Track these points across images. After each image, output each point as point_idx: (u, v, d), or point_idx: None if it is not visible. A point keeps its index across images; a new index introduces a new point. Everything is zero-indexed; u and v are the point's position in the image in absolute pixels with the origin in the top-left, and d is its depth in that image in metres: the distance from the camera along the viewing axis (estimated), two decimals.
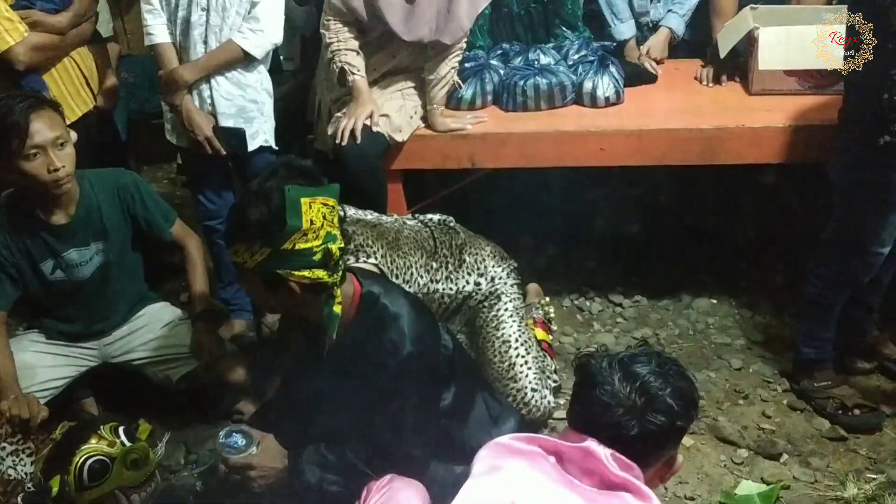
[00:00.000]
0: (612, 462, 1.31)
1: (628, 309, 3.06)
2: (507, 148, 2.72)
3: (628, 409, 1.31)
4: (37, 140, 2.11)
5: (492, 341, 2.41)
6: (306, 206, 1.67)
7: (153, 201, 2.45)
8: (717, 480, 2.31)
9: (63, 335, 2.45)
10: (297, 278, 1.70)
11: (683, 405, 1.34)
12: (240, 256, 1.71)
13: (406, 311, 1.83)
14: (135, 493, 2.05)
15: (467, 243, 2.46)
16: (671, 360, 1.40)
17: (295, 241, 1.66)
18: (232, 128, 2.63)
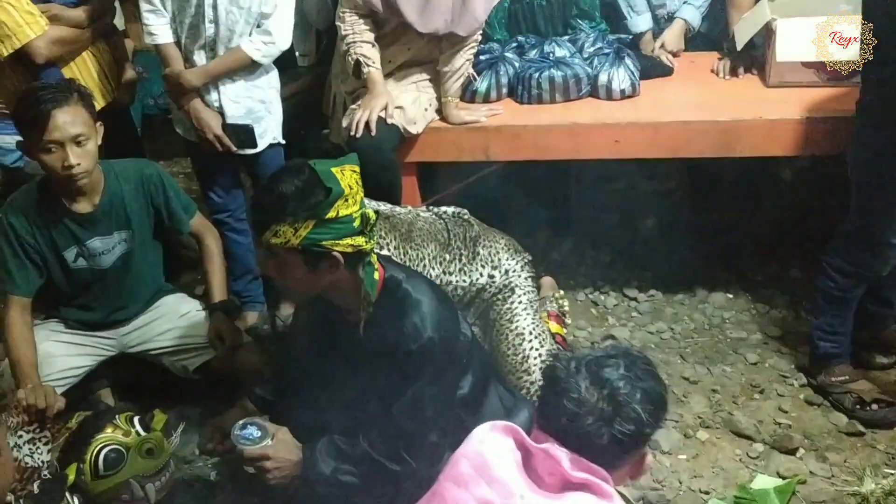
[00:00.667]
0: (570, 465, 1.31)
1: (643, 303, 3.05)
2: (522, 140, 2.71)
3: (597, 418, 1.31)
4: (54, 135, 2.14)
5: (505, 334, 2.40)
6: (339, 174, 1.68)
7: (175, 193, 2.47)
8: (732, 474, 2.29)
9: (82, 324, 2.47)
10: (342, 248, 1.70)
11: (653, 410, 1.33)
12: (282, 236, 1.68)
13: (428, 297, 1.83)
14: (149, 482, 2.07)
15: (481, 236, 2.45)
16: (640, 357, 1.39)
17: (338, 208, 1.67)
18: (241, 125, 2.64)
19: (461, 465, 1.39)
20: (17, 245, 2.29)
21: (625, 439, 1.31)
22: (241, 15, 2.52)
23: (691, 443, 2.41)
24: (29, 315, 2.32)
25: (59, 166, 2.17)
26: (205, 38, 2.56)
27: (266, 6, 2.52)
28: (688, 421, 2.49)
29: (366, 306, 1.80)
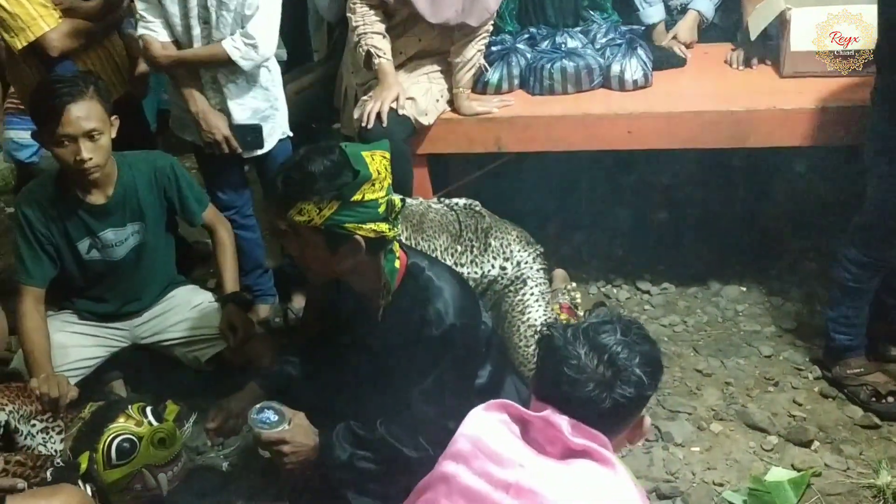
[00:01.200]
0: (571, 430, 1.31)
1: (656, 296, 3.04)
2: (534, 131, 2.70)
3: (598, 383, 1.31)
4: (67, 130, 2.14)
5: (517, 326, 2.39)
6: (369, 158, 1.68)
7: (188, 185, 2.47)
8: (746, 466, 2.28)
9: (95, 316, 2.48)
10: (364, 232, 1.69)
11: (651, 372, 1.35)
12: (306, 214, 1.67)
13: (450, 284, 1.83)
14: (161, 471, 2.08)
15: (493, 227, 2.44)
16: (634, 323, 1.40)
17: (365, 192, 1.66)
18: (248, 125, 2.63)
19: (459, 443, 1.40)
20: (31, 236, 2.30)
21: (626, 403, 1.32)
22: (229, 16, 2.50)
23: (705, 435, 2.40)
24: (42, 306, 2.33)
25: (72, 160, 2.18)
26: (196, 37, 2.54)
27: (248, 8, 2.49)
28: (701, 413, 2.47)
29: (385, 294, 1.80)
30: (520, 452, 1.35)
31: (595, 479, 1.30)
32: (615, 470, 1.31)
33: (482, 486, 1.34)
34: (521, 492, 1.31)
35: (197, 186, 2.53)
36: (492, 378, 2.00)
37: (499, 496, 1.32)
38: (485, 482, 1.34)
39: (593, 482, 1.30)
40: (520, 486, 1.31)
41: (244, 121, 2.63)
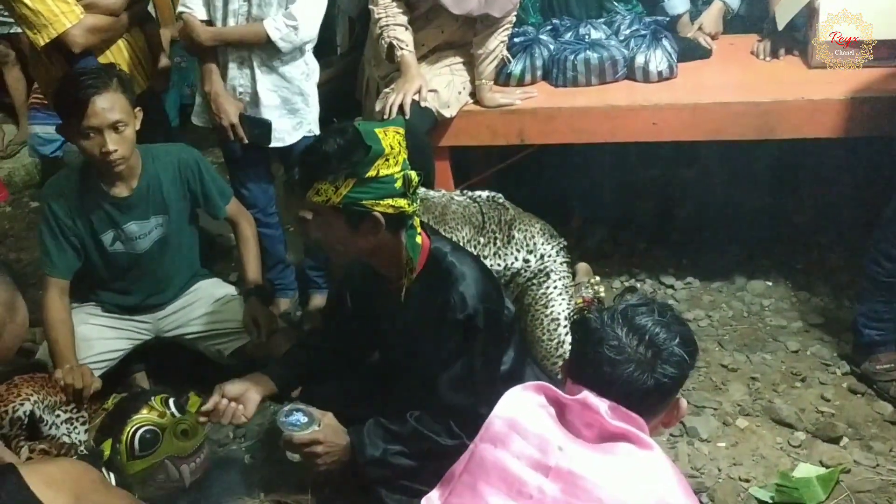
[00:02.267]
0: (609, 413, 1.30)
1: (680, 291, 3.01)
2: (557, 123, 2.68)
3: (639, 363, 1.31)
4: (93, 122, 2.15)
5: (540, 319, 2.38)
6: (382, 134, 1.68)
7: (212, 178, 2.48)
8: (773, 462, 2.24)
9: (119, 308, 2.49)
10: (383, 208, 1.69)
11: (690, 352, 1.34)
12: (323, 194, 1.68)
13: (472, 269, 1.82)
14: (184, 463, 2.08)
15: (516, 220, 2.42)
16: (665, 305, 1.39)
17: (378, 168, 1.66)
18: (258, 118, 2.62)
19: (495, 426, 1.39)
20: (56, 227, 2.31)
21: (667, 382, 1.31)
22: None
23: (730, 430, 2.37)
24: (67, 297, 2.34)
25: (98, 152, 2.19)
26: (237, 16, 2.54)
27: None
28: (726, 408, 2.44)
29: (408, 272, 1.78)
30: (558, 435, 1.34)
31: (634, 461, 1.29)
32: (654, 452, 1.30)
33: (521, 469, 1.33)
34: (561, 475, 1.30)
35: (220, 180, 2.53)
36: (514, 364, 1.99)
37: (538, 479, 1.31)
38: (524, 465, 1.33)
39: (633, 465, 1.28)
40: (559, 469, 1.30)
41: (272, 107, 2.62)
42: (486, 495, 1.35)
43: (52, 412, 2.06)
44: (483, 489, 1.35)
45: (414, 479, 1.85)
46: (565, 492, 1.28)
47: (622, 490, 1.26)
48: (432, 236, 1.87)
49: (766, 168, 3.29)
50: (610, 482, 1.27)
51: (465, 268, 1.81)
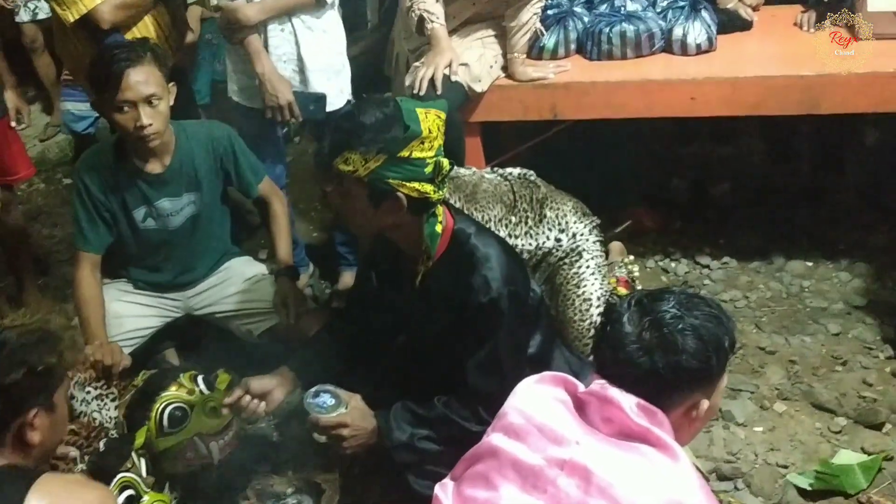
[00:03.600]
0: (631, 409, 1.27)
1: (716, 271, 2.95)
2: (591, 98, 2.63)
3: (640, 346, 1.28)
4: (127, 95, 2.13)
5: (572, 299, 2.33)
6: (422, 115, 1.63)
7: (245, 156, 2.45)
8: (812, 448, 2.20)
9: (150, 285, 2.49)
10: (408, 190, 1.65)
11: (699, 346, 1.27)
12: (351, 164, 1.63)
13: (497, 252, 1.77)
14: (213, 440, 2.07)
15: (548, 198, 2.38)
16: (704, 301, 1.33)
17: (413, 149, 1.62)
18: (312, 93, 2.59)
19: (510, 416, 1.37)
20: (88, 202, 2.31)
21: (665, 369, 1.26)
22: None
23: (768, 415, 2.32)
24: (98, 273, 2.34)
25: (132, 126, 2.17)
26: None
27: None
28: (764, 392, 2.39)
29: (424, 260, 1.75)
30: (575, 429, 1.31)
31: (654, 465, 1.24)
32: (677, 460, 1.25)
33: (536, 462, 1.30)
34: (577, 469, 1.27)
35: (253, 158, 2.50)
36: (541, 348, 1.94)
37: (553, 472, 1.28)
38: (539, 457, 1.30)
39: (651, 468, 1.24)
40: (574, 464, 1.27)
41: (318, 70, 2.59)
42: (500, 486, 1.32)
43: (83, 389, 2.06)
44: (497, 480, 1.33)
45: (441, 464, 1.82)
46: (580, 488, 1.25)
47: (638, 490, 1.22)
48: (456, 216, 1.82)
49: (807, 144, 3.19)
50: (626, 481, 1.23)
51: (490, 249, 1.77)
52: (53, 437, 1.52)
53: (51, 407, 1.48)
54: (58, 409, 1.50)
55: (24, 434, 1.43)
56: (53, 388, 1.49)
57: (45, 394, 1.47)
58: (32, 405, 1.44)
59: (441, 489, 1.43)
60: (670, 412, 1.29)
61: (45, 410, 1.46)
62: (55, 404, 1.49)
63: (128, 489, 1.86)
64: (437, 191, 1.68)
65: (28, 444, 1.44)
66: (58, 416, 1.51)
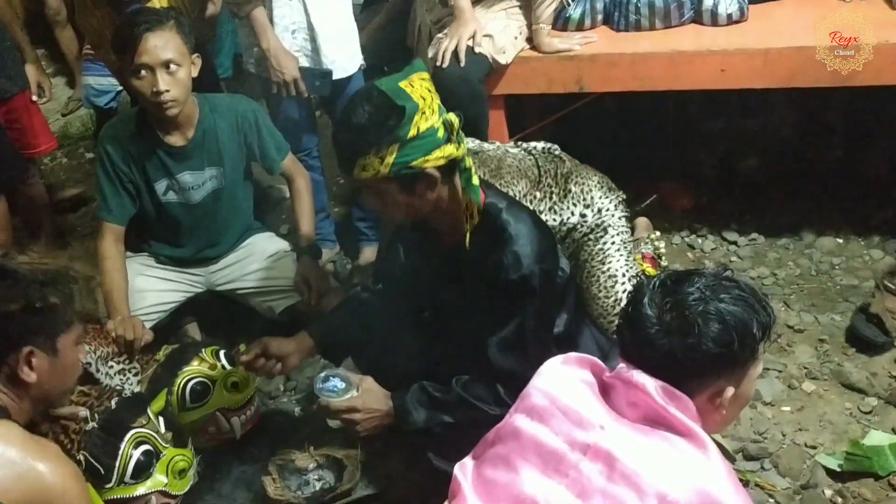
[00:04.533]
0: (656, 392, 1.24)
1: (744, 247, 2.90)
2: (618, 70, 2.58)
3: (660, 328, 1.24)
4: (144, 59, 2.12)
5: (597, 276, 2.31)
6: (408, 88, 1.59)
7: (269, 132, 2.43)
8: (841, 429, 2.16)
9: (172, 260, 2.49)
10: (434, 162, 1.61)
11: (721, 331, 1.23)
12: (371, 168, 1.60)
13: (528, 227, 1.73)
14: (234, 415, 2.08)
15: (573, 172, 2.34)
16: (736, 284, 1.28)
17: (418, 124, 1.58)
18: (318, 69, 2.57)
19: (534, 398, 1.34)
20: (112, 172, 2.31)
21: (684, 351, 1.23)
22: None
23: (796, 394, 2.28)
24: (122, 245, 2.35)
25: (149, 91, 2.15)
26: None
27: None
28: (792, 371, 2.35)
29: (469, 218, 1.70)
30: (599, 413, 1.28)
31: (681, 454, 1.21)
32: (705, 449, 1.22)
33: (559, 445, 1.28)
34: (600, 454, 1.24)
35: (278, 133, 2.48)
36: (568, 327, 1.91)
37: (575, 457, 1.26)
38: (561, 441, 1.28)
39: (679, 457, 1.21)
40: (598, 449, 1.25)
41: (329, 38, 2.57)
42: (520, 469, 1.30)
43: (106, 363, 2.07)
44: (518, 463, 1.31)
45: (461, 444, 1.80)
46: (603, 473, 1.23)
47: (664, 479, 1.19)
48: (487, 191, 1.78)
49: (839, 118, 3.11)
50: (651, 469, 1.20)
51: (521, 225, 1.73)
52: (54, 382, 1.49)
53: (52, 350, 1.45)
54: (61, 354, 1.47)
55: (18, 372, 1.41)
56: (56, 331, 1.46)
57: (44, 334, 1.44)
58: (28, 343, 1.42)
59: (460, 469, 1.41)
60: (693, 398, 1.26)
61: (44, 352, 1.44)
62: (58, 349, 1.46)
63: (144, 444, 1.87)
64: (459, 146, 1.64)
65: (22, 382, 1.42)
66: (61, 362, 1.48)
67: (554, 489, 1.25)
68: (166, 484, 1.89)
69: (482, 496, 1.33)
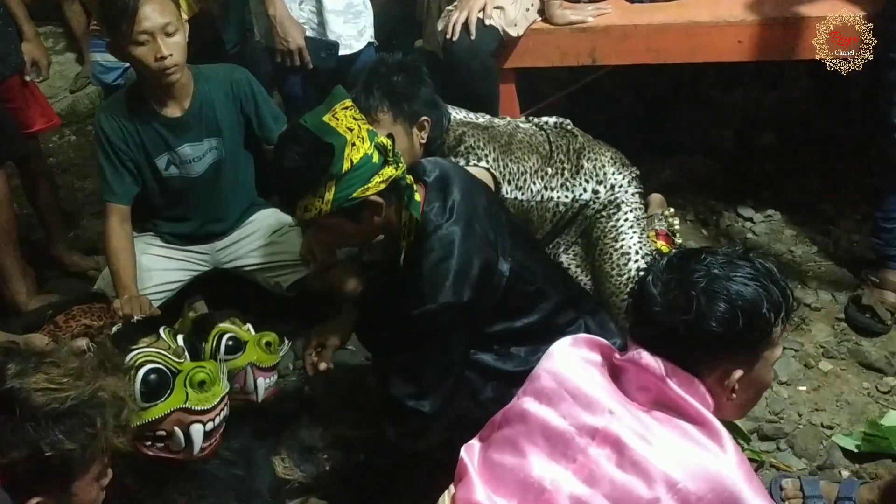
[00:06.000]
0: (667, 375, 1.21)
1: (759, 224, 2.85)
2: (632, 42, 2.53)
3: (663, 306, 1.22)
4: (145, 25, 2.10)
5: (609, 253, 2.27)
6: (332, 121, 1.60)
7: (265, 101, 2.41)
8: (859, 409, 2.13)
9: (177, 238, 2.47)
10: (375, 187, 1.61)
11: (725, 310, 1.19)
12: (313, 209, 1.61)
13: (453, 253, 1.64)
14: (262, 375, 2.04)
15: (585, 148, 2.31)
16: (751, 263, 1.24)
17: (349, 157, 1.58)
18: (325, 40, 2.55)
19: (542, 380, 1.32)
20: (111, 152, 2.29)
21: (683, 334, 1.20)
22: None
23: (812, 373, 2.25)
24: (129, 224, 2.33)
25: (152, 59, 2.13)
26: None
27: None
28: (808, 350, 2.32)
29: (406, 234, 1.67)
30: (609, 397, 1.26)
31: (692, 442, 1.19)
32: (719, 441, 1.18)
33: (566, 429, 1.26)
34: (609, 440, 1.22)
35: (273, 104, 2.47)
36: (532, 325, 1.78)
37: (583, 441, 1.24)
38: (569, 425, 1.26)
39: (690, 445, 1.19)
40: (607, 433, 1.22)
41: (337, 11, 2.55)
42: (527, 453, 1.28)
43: None
44: (525, 446, 1.29)
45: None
46: (611, 459, 1.21)
47: (675, 467, 1.16)
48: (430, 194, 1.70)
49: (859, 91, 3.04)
50: (662, 457, 1.17)
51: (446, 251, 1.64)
52: None
53: (65, 496, 1.23)
54: (77, 498, 1.25)
55: None
56: (69, 478, 1.23)
57: (56, 482, 1.21)
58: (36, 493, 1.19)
59: (466, 452, 1.39)
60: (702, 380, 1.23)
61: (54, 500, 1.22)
62: (73, 493, 1.24)
63: (148, 364, 1.77)
64: (397, 166, 1.64)
65: None
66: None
67: (561, 474, 1.24)
68: (187, 399, 1.78)
69: (488, 480, 1.31)
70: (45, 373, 1.23)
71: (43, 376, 1.22)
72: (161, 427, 1.76)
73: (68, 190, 3.50)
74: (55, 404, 1.19)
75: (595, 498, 1.19)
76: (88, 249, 3.06)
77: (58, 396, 1.20)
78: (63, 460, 1.20)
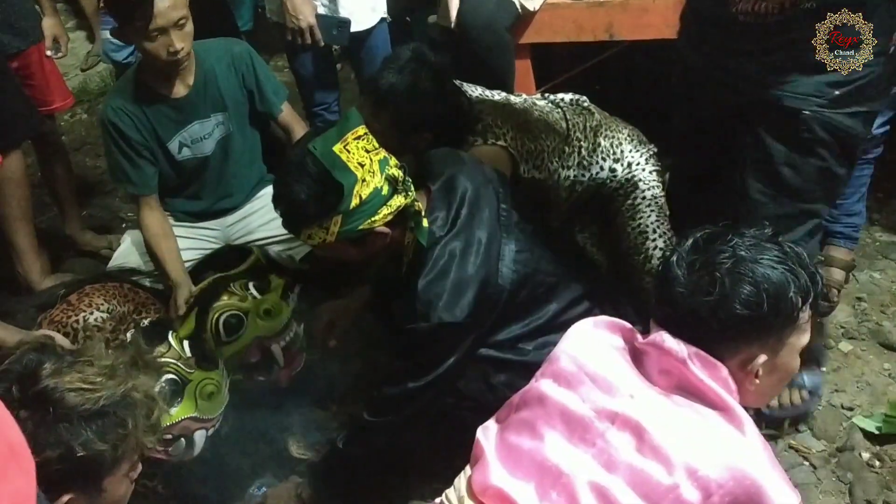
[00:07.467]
0: (690, 360, 1.18)
1: None
2: (651, 16, 2.49)
3: (686, 287, 1.20)
4: (159, 23, 2.10)
5: (627, 232, 2.24)
6: (343, 154, 1.56)
7: (265, 73, 2.41)
8: (880, 390, 2.11)
9: (189, 215, 2.48)
10: (382, 218, 1.60)
11: (750, 293, 1.16)
12: (317, 237, 1.61)
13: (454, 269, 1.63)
14: (273, 342, 2.06)
15: (603, 125, 2.26)
16: (779, 246, 1.20)
17: (359, 193, 1.56)
18: (336, 17, 2.51)
19: (562, 361, 1.30)
20: (126, 146, 2.28)
21: (705, 315, 1.17)
22: None
23: (833, 354, 2.23)
24: (160, 210, 2.33)
25: (164, 53, 2.14)
26: None
27: None
28: (829, 330, 2.30)
29: (408, 252, 1.68)
30: (629, 381, 1.23)
31: (715, 428, 1.16)
32: (743, 429, 1.16)
33: (585, 413, 1.23)
34: (629, 424, 1.20)
35: (274, 77, 2.46)
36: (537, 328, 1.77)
37: (603, 426, 1.21)
38: (588, 408, 1.23)
39: (712, 431, 1.16)
40: (627, 418, 1.20)
41: None
42: (545, 436, 1.26)
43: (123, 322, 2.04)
44: (543, 429, 1.27)
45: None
46: (631, 444, 1.18)
47: (696, 454, 1.14)
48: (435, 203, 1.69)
49: None
50: (681, 443, 1.15)
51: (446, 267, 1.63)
52: None
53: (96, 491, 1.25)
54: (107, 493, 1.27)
55: None
56: (101, 475, 1.24)
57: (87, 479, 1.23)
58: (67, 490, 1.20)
59: (483, 433, 1.38)
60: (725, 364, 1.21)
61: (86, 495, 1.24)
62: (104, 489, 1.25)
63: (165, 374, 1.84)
64: (407, 194, 1.62)
65: None
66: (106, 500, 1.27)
67: (579, 458, 1.21)
68: (196, 408, 1.87)
69: (505, 462, 1.29)
70: (79, 371, 1.24)
71: (77, 375, 1.23)
72: (168, 432, 1.82)
73: (80, 168, 3.49)
74: (88, 405, 1.21)
75: (614, 483, 1.17)
76: (101, 228, 3.06)
77: (91, 397, 1.21)
78: (95, 460, 1.22)
